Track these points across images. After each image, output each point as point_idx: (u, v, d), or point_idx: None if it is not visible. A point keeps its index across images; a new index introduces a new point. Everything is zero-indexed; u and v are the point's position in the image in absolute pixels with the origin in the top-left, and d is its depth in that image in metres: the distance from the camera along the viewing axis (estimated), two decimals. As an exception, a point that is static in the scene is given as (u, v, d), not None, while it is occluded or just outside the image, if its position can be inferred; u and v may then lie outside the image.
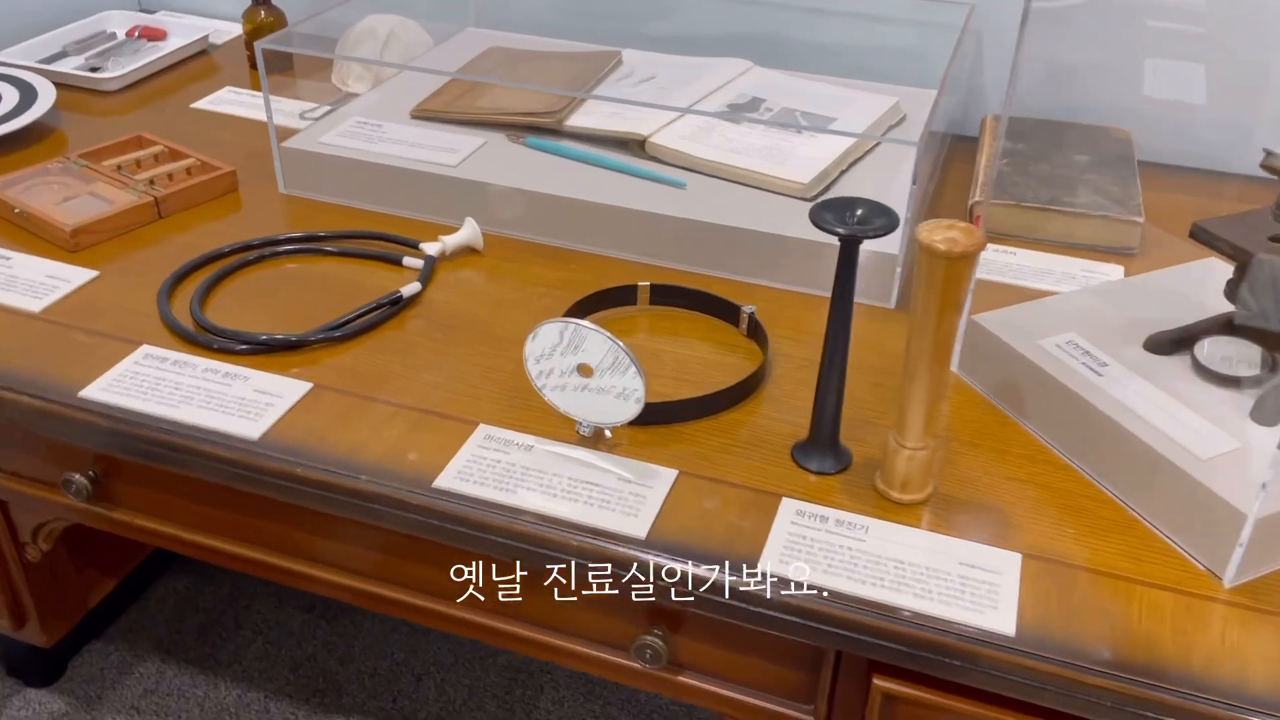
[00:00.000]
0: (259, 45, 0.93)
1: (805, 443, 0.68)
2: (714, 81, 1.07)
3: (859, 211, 0.60)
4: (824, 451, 0.67)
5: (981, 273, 0.88)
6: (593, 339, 0.64)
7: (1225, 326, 0.68)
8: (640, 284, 0.83)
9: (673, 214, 0.87)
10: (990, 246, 0.92)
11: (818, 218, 0.59)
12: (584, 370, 0.65)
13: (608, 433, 0.68)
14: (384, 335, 0.79)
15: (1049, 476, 0.67)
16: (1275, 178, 0.62)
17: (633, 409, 0.65)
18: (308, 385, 0.73)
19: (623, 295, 0.82)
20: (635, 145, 0.97)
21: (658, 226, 0.88)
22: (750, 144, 0.95)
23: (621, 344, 0.63)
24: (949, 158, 1.09)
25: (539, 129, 1.01)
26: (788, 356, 0.78)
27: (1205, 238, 0.65)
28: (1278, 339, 0.66)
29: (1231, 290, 0.66)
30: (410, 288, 0.82)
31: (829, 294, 0.62)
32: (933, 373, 0.60)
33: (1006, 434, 0.71)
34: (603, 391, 0.66)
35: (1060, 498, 0.65)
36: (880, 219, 0.59)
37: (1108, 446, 0.64)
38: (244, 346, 0.76)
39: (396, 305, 0.81)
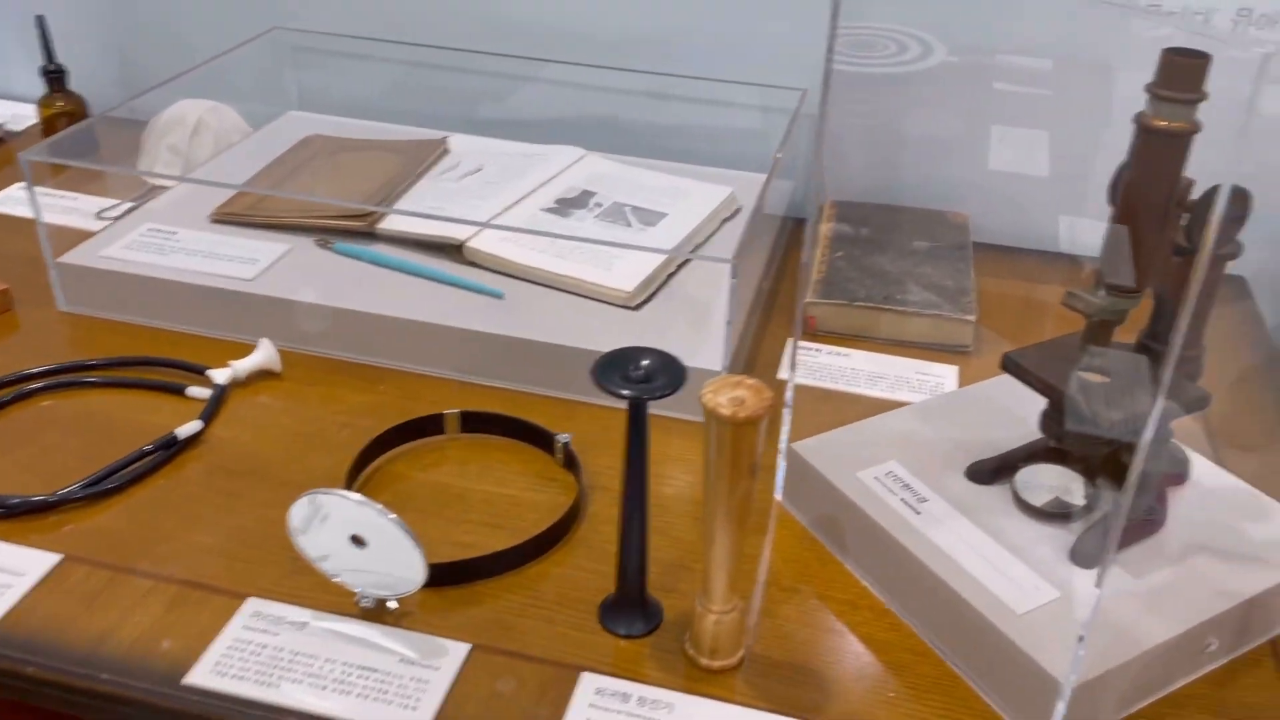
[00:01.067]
0: (21, 156, 0.84)
1: (613, 601, 0.63)
2: (543, 174, 1.02)
3: (644, 363, 0.55)
4: (632, 612, 0.62)
5: (813, 378, 0.85)
6: (359, 513, 0.57)
7: (1045, 454, 0.65)
8: (448, 412, 0.76)
9: (489, 329, 0.81)
10: (824, 348, 0.89)
11: (601, 377, 0.54)
12: (357, 540, 0.59)
13: (391, 603, 0.62)
14: (155, 486, 0.71)
15: (871, 626, 0.63)
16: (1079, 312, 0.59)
17: (413, 581, 0.59)
18: (56, 557, 0.64)
19: (429, 425, 0.76)
20: (453, 249, 0.91)
21: (474, 342, 0.82)
22: (573, 246, 0.90)
23: (391, 515, 0.56)
24: (790, 244, 1.06)
25: (350, 233, 0.94)
26: (605, 490, 0.72)
27: (1016, 371, 0.62)
28: (1096, 468, 0.63)
29: (1046, 423, 0.63)
30: (188, 428, 0.74)
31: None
32: (730, 536, 0.55)
33: (829, 575, 0.66)
34: (381, 560, 0.59)
35: (882, 651, 0.61)
36: (663, 377, 0.54)
37: (924, 595, 0.60)
38: (-15, 511, 0.67)
39: (171, 449, 0.73)
